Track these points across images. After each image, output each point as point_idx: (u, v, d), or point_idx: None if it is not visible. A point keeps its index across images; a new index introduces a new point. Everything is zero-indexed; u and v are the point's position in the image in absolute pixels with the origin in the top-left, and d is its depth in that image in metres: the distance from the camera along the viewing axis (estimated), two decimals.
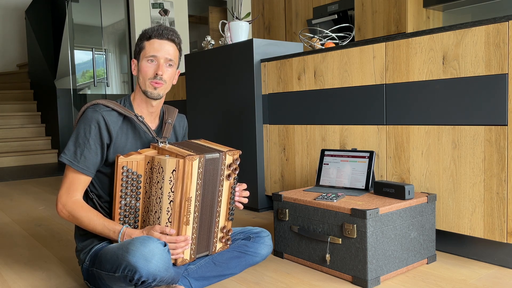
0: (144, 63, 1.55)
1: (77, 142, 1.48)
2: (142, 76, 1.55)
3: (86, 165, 1.47)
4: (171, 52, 1.56)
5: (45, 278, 1.85)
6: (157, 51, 1.53)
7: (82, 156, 1.47)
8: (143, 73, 1.55)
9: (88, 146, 1.47)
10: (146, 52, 1.54)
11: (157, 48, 1.53)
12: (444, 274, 1.76)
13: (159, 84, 1.55)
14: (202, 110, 3.33)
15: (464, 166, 1.85)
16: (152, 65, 1.54)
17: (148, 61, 1.54)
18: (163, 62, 1.54)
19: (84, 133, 1.48)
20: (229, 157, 1.50)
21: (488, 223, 1.79)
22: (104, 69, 5.74)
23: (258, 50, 2.84)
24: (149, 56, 1.53)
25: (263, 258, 1.66)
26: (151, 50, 1.54)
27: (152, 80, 1.54)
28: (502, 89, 1.72)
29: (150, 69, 1.54)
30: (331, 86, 2.41)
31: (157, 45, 1.54)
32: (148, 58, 1.54)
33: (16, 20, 7.63)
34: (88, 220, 1.46)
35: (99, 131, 1.49)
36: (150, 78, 1.54)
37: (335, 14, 4.67)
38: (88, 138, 1.48)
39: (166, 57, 1.55)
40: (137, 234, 1.41)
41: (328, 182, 2.11)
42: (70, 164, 1.47)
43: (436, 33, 1.91)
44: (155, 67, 1.54)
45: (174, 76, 1.61)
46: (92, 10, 5.82)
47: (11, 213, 3.08)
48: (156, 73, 1.53)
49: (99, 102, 1.55)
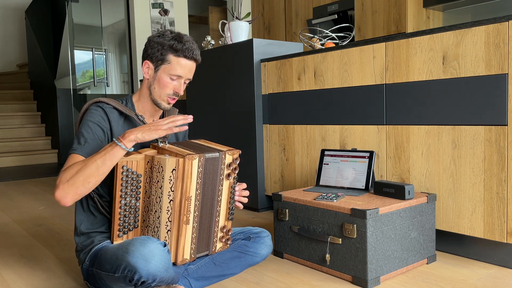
0: (166, 77, 1.54)
1: (80, 133, 1.49)
2: (159, 88, 1.56)
3: (88, 151, 1.46)
4: (193, 71, 1.58)
5: (45, 278, 1.84)
6: (184, 73, 1.54)
7: (86, 142, 1.47)
8: (161, 87, 1.55)
9: (91, 133, 1.49)
10: (171, 69, 1.53)
11: (184, 69, 1.54)
12: (444, 274, 1.76)
13: (174, 100, 1.59)
14: (202, 110, 3.33)
15: (464, 166, 1.85)
16: (174, 83, 1.55)
17: (171, 78, 1.54)
18: (184, 80, 1.56)
19: (88, 124, 1.50)
20: (228, 156, 1.50)
21: (488, 223, 1.79)
22: (104, 69, 5.74)
23: (258, 50, 2.84)
24: (174, 74, 1.53)
25: (263, 258, 1.66)
26: (177, 69, 1.53)
27: (171, 96, 1.56)
28: (502, 89, 1.72)
29: (171, 85, 1.55)
30: (331, 86, 2.41)
31: (183, 65, 1.54)
32: (172, 76, 1.54)
33: (16, 20, 7.63)
34: (82, 164, 1.36)
35: (102, 123, 1.51)
36: (168, 94, 1.56)
37: (335, 14, 4.67)
38: (91, 127, 1.49)
39: (188, 78, 1.57)
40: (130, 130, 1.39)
41: (328, 182, 2.11)
42: (73, 151, 1.46)
43: (436, 33, 1.91)
44: (176, 86, 1.55)
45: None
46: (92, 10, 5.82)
47: (11, 213, 3.08)
48: (175, 91, 1.56)
49: (101, 100, 1.56)
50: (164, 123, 1.39)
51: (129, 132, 1.38)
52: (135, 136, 1.37)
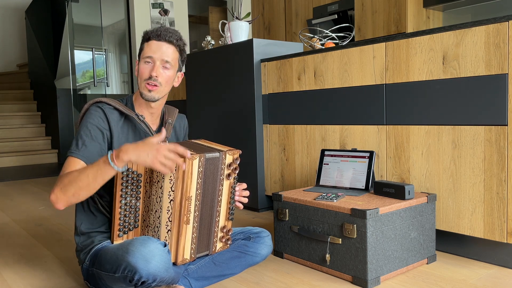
0: (141, 64, 1.54)
1: (79, 135, 1.49)
2: (139, 77, 1.55)
3: (86, 153, 1.46)
4: (169, 53, 1.54)
5: (45, 278, 1.84)
6: (153, 52, 1.52)
7: (83, 145, 1.46)
8: (139, 74, 1.55)
9: (89, 136, 1.48)
10: (144, 53, 1.54)
11: (153, 49, 1.52)
12: (444, 274, 1.76)
13: (154, 87, 1.53)
14: (202, 110, 3.33)
15: (464, 166, 1.85)
16: (148, 66, 1.53)
17: (145, 62, 1.53)
18: (159, 63, 1.53)
19: (87, 126, 1.49)
20: (229, 156, 1.50)
21: (488, 223, 1.79)
22: (104, 69, 5.74)
23: (258, 50, 2.84)
24: (146, 57, 1.53)
25: (263, 258, 1.66)
26: (148, 51, 1.53)
27: (147, 81, 1.52)
28: (502, 89, 1.72)
29: (145, 70, 1.53)
30: (331, 86, 2.41)
31: (154, 46, 1.53)
32: (145, 59, 1.53)
33: (16, 20, 7.63)
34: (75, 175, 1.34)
35: (101, 125, 1.51)
36: (145, 79, 1.53)
37: (335, 14, 4.67)
38: (90, 130, 1.49)
39: (162, 59, 1.53)
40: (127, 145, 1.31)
41: (328, 182, 2.11)
42: (71, 154, 1.46)
43: (436, 33, 1.91)
44: (150, 68, 1.53)
45: (172, 79, 1.59)
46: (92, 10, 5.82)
47: (11, 213, 3.08)
48: (150, 75, 1.52)
49: (102, 100, 1.56)
50: (162, 157, 1.29)
51: (125, 150, 1.31)
52: (128, 157, 1.30)
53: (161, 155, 1.29)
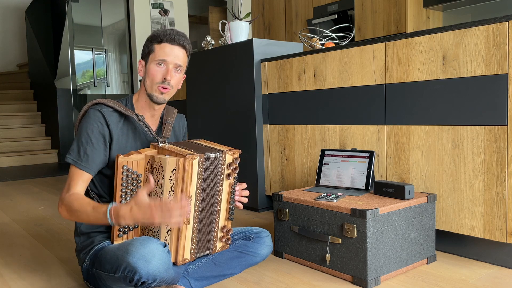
0: (153, 66, 1.54)
1: (80, 141, 1.49)
2: (149, 79, 1.55)
3: (89, 164, 1.47)
4: (181, 57, 1.55)
5: (45, 278, 1.85)
6: (167, 55, 1.52)
7: (85, 154, 1.47)
8: (151, 76, 1.54)
9: (90, 144, 1.48)
10: (156, 56, 1.53)
11: (167, 53, 1.52)
12: (444, 274, 1.76)
13: (166, 90, 1.54)
14: (202, 110, 3.33)
15: (464, 166, 1.85)
16: (160, 69, 1.53)
17: (157, 65, 1.53)
18: (172, 67, 1.54)
19: (87, 132, 1.49)
20: (229, 156, 1.50)
21: (488, 223, 1.79)
22: (104, 69, 5.75)
23: (258, 50, 2.85)
24: (159, 60, 1.53)
25: (263, 258, 1.66)
26: (161, 54, 1.53)
27: (160, 84, 1.53)
28: (502, 89, 1.72)
29: (158, 73, 1.53)
30: (331, 86, 2.41)
31: (168, 50, 1.53)
32: (158, 61, 1.53)
33: (16, 20, 7.63)
34: (80, 207, 1.37)
35: (101, 129, 1.50)
36: (158, 83, 1.53)
37: (335, 14, 4.67)
38: (90, 137, 1.48)
39: (175, 63, 1.54)
40: (124, 209, 1.28)
41: (328, 182, 2.11)
42: (74, 164, 1.47)
43: (436, 33, 1.91)
44: (163, 72, 1.53)
45: (181, 82, 1.61)
46: (92, 10, 5.82)
47: (11, 213, 3.08)
48: (164, 78, 1.53)
49: (101, 102, 1.55)
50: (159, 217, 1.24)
51: (122, 216, 1.28)
52: (125, 223, 1.29)
53: (157, 216, 1.25)
